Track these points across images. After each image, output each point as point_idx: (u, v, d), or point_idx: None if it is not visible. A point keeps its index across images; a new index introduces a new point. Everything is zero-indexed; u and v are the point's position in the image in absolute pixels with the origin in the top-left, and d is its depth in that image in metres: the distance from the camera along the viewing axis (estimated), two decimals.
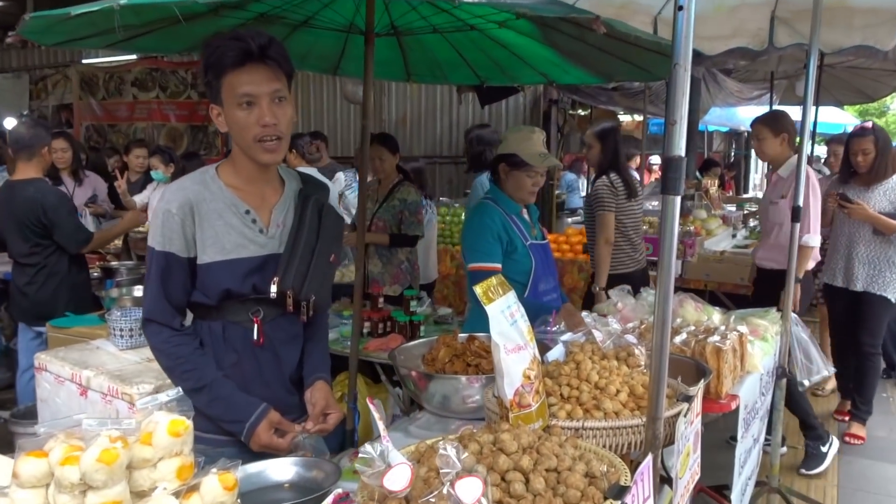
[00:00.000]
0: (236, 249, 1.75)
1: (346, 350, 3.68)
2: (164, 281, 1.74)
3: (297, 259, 1.79)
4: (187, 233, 1.72)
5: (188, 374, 1.75)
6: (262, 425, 1.74)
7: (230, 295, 1.77)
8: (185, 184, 1.75)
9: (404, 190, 4.74)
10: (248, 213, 1.79)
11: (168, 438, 1.10)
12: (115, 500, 1.02)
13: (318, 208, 1.87)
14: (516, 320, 1.57)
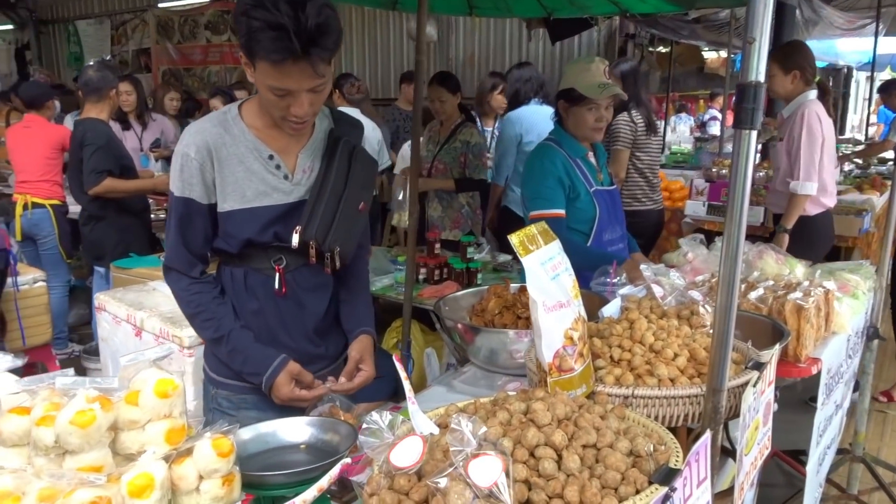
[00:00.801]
0: (258, 198, 1.64)
1: (400, 296, 3.60)
2: (182, 228, 1.64)
3: (321, 208, 1.66)
4: (207, 178, 1.61)
5: (207, 324, 1.68)
6: (280, 378, 1.65)
7: (251, 243, 1.66)
8: (205, 125, 1.63)
9: (467, 131, 4.54)
10: (271, 158, 1.66)
11: (155, 399, 1.01)
12: (94, 465, 0.94)
13: (349, 151, 1.72)
14: (559, 274, 1.39)
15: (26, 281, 3.62)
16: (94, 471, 0.93)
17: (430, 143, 4.73)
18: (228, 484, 1.05)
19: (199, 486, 1.03)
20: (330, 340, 1.82)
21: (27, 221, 4.64)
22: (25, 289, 3.60)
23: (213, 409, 1.79)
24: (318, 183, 1.67)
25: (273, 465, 1.27)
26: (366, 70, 8.96)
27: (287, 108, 1.54)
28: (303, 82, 1.49)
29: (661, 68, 9.51)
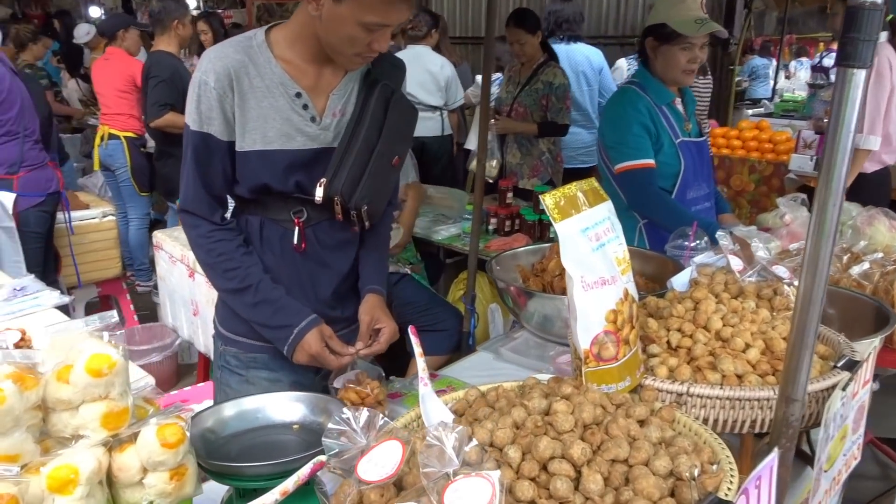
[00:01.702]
0: (280, 139, 1.45)
1: (466, 247, 3.41)
2: (200, 167, 1.48)
3: (351, 159, 1.46)
4: (227, 111, 1.43)
5: (231, 273, 1.51)
6: (312, 332, 1.48)
7: (269, 190, 1.48)
8: (227, 50, 1.44)
9: (550, 71, 4.19)
10: (298, 96, 1.46)
11: (86, 378, 0.86)
12: (8, 453, 0.81)
13: (386, 97, 1.50)
14: (605, 244, 1.15)
15: (95, 215, 3.65)
16: (9, 460, 0.80)
17: (509, 85, 4.43)
18: (178, 478, 0.91)
19: (142, 480, 0.89)
20: (348, 302, 1.65)
21: (103, 152, 4.71)
22: (94, 223, 3.63)
23: (221, 366, 1.67)
24: (348, 130, 1.48)
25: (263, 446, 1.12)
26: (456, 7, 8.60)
27: (369, 45, 1.37)
28: (403, 16, 1.36)
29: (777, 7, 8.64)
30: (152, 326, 3.73)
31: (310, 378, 1.65)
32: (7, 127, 2.99)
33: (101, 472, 0.86)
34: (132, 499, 0.90)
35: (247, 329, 1.58)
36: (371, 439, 0.85)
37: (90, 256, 3.63)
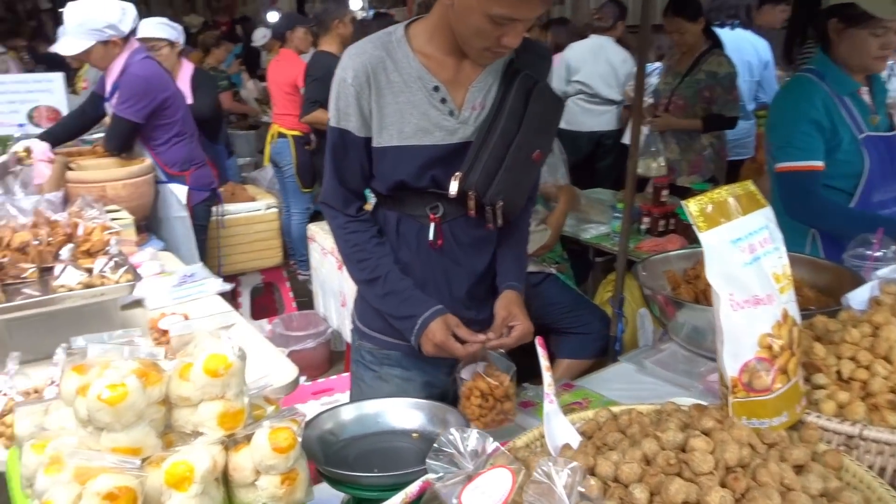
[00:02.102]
0: (417, 135, 1.43)
1: (615, 247, 3.25)
2: (338, 162, 1.50)
3: (487, 153, 1.41)
4: (363, 107, 1.43)
5: (363, 264, 1.52)
6: (437, 321, 1.45)
7: (405, 186, 1.47)
8: (365, 47, 1.44)
9: (714, 60, 3.89)
10: (437, 90, 1.43)
11: (203, 377, 0.87)
12: (131, 446, 0.84)
13: (527, 88, 1.44)
14: (760, 257, 1.00)
15: (259, 207, 3.88)
16: (131, 453, 0.83)
17: (668, 76, 4.17)
18: (289, 483, 0.90)
19: (255, 482, 0.90)
20: (484, 305, 1.60)
21: (273, 149, 5.01)
22: (259, 214, 3.86)
23: (356, 360, 1.69)
24: (486, 123, 1.44)
25: (381, 452, 1.10)
26: None
27: (498, 39, 1.32)
28: (535, 10, 1.30)
29: None
30: (308, 314, 3.91)
31: (441, 379, 1.63)
32: (177, 128, 3.25)
33: (216, 470, 0.87)
34: (246, 499, 0.91)
35: (382, 325, 1.59)
36: (479, 464, 0.79)
37: (254, 245, 3.88)
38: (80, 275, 1.93)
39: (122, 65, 3.05)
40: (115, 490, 0.78)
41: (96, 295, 1.93)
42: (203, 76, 4.25)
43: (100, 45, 2.96)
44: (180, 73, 4.05)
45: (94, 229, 2.14)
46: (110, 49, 3.00)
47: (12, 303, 1.83)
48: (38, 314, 1.89)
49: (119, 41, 3.01)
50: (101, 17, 2.92)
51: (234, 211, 3.83)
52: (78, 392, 0.83)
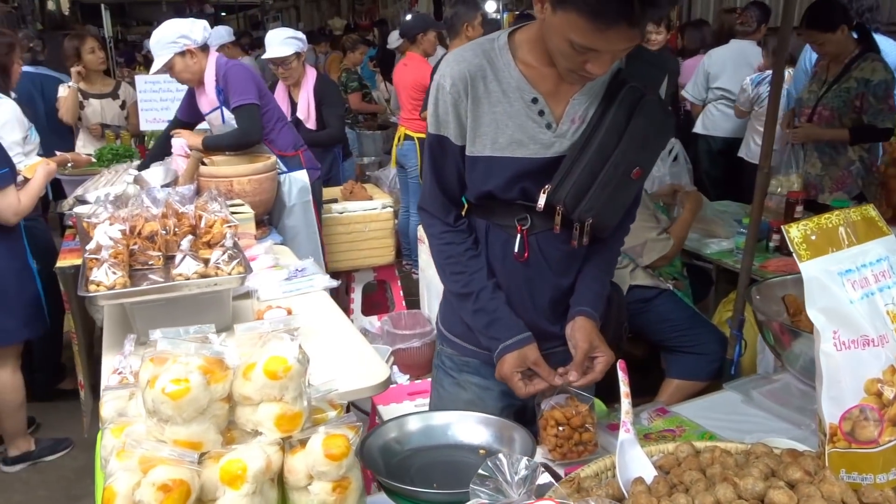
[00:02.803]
0: (510, 146, 1.39)
1: (738, 265, 3.05)
2: (436, 168, 1.48)
3: (580, 167, 1.35)
4: (461, 115, 1.41)
5: (457, 277, 1.50)
6: (513, 354, 1.42)
7: (494, 197, 1.44)
8: (466, 54, 1.42)
9: (867, 66, 3.55)
10: (535, 101, 1.38)
11: (263, 378, 0.88)
12: (191, 440, 0.86)
13: (632, 101, 1.35)
14: (873, 292, 0.89)
15: (376, 206, 3.98)
16: (191, 447, 0.86)
17: (813, 83, 3.86)
18: (340, 491, 0.90)
19: (308, 486, 0.90)
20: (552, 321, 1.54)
21: (399, 151, 5.11)
22: (374, 213, 3.96)
23: (437, 365, 1.67)
24: (583, 137, 1.37)
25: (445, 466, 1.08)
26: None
27: (583, 64, 1.24)
28: (619, 44, 1.20)
29: None
30: (416, 313, 3.95)
31: None
32: (277, 113, 3.44)
33: (271, 471, 0.89)
34: (299, 502, 0.92)
35: (463, 331, 1.57)
36: (525, 495, 0.75)
37: (369, 244, 3.98)
38: (196, 265, 2.04)
39: (213, 72, 3.25)
40: (170, 482, 0.80)
41: (210, 285, 2.04)
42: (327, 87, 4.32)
43: (178, 57, 3.16)
44: (305, 80, 4.20)
45: (215, 222, 2.27)
46: (188, 59, 3.19)
47: (134, 288, 1.97)
48: (158, 300, 2.02)
49: (195, 50, 3.19)
50: (172, 30, 3.14)
51: (351, 209, 3.95)
52: (148, 383, 0.87)
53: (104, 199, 2.38)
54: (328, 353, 2.03)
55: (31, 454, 3.10)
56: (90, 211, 2.37)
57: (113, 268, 1.98)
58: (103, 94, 4.56)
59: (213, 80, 3.26)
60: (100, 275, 1.96)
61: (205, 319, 2.10)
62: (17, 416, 3.02)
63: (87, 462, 3.06)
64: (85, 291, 1.94)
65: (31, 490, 2.91)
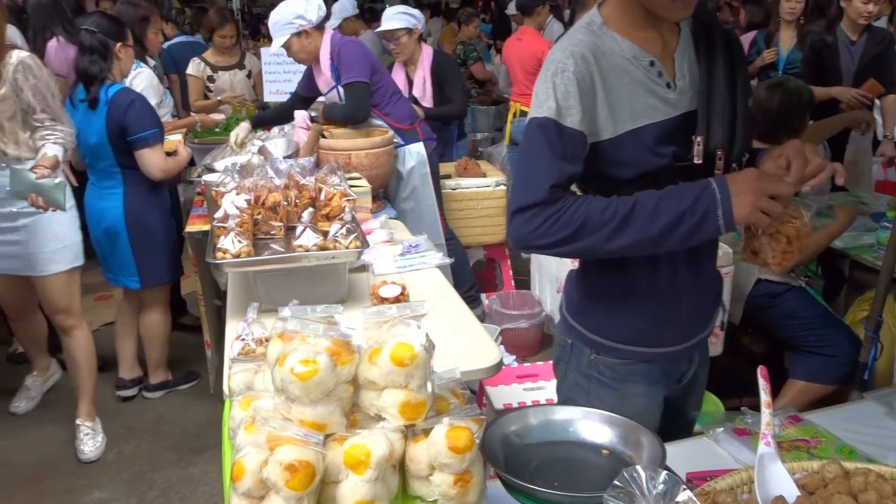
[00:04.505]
0: (648, 112, 1.35)
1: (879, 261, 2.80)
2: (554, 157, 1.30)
3: (717, 110, 1.35)
4: (586, 99, 1.31)
5: (607, 216, 1.25)
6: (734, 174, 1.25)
7: (648, 169, 1.35)
8: (577, 36, 1.36)
9: None
10: (652, 64, 1.36)
11: (389, 365, 0.87)
12: (317, 421, 0.86)
13: (726, 38, 1.41)
14: None
15: (489, 183, 3.94)
16: (316, 428, 0.85)
17: None
18: (462, 485, 0.87)
19: (429, 476, 0.88)
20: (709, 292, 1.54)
21: (515, 128, 5.01)
22: (487, 190, 3.92)
23: (590, 376, 1.50)
24: (704, 82, 1.37)
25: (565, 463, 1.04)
26: None
27: None
28: None
29: None
30: (525, 294, 3.91)
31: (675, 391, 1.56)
32: (391, 87, 3.47)
33: (393, 458, 0.88)
34: (420, 491, 0.91)
35: (631, 334, 1.46)
36: None
37: (480, 221, 3.95)
38: (316, 237, 2.09)
39: (328, 50, 3.29)
40: (296, 462, 0.81)
41: (328, 257, 2.08)
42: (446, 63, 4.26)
43: (294, 38, 3.24)
44: (421, 57, 4.16)
45: (334, 195, 2.31)
46: (304, 40, 3.26)
47: (256, 257, 2.04)
48: (278, 269, 2.08)
49: (310, 30, 3.25)
50: (288, 11, 3.22)
51: (465, 185, 3.93)
52: (277, 361, 0.88)
53: (231, 168, 2.47)
54: (440, 331, 2.02)
55: (168, 383, 3.49)
56: (218, 180, 2.47)
57: (238, 237, 2.06)
58: (230, 65, 4.75)
59: (328, 59, 3.31)
60: (226, 243, 2.04)
61: (321, 290, 2.19)
62: (163, 349, 3.43)
63: (209, 417, 3.25)
64: (212, 258, 2.03)
65: (157, 440, 3.13)
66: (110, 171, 3.06)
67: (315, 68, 3.43)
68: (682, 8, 1.29)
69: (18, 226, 2.77)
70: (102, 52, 2.97)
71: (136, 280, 3.17)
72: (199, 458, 3.00)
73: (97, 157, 3.05)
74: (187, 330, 3.97)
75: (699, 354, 1.57)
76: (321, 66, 3.36)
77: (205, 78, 4.66)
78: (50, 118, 2.69)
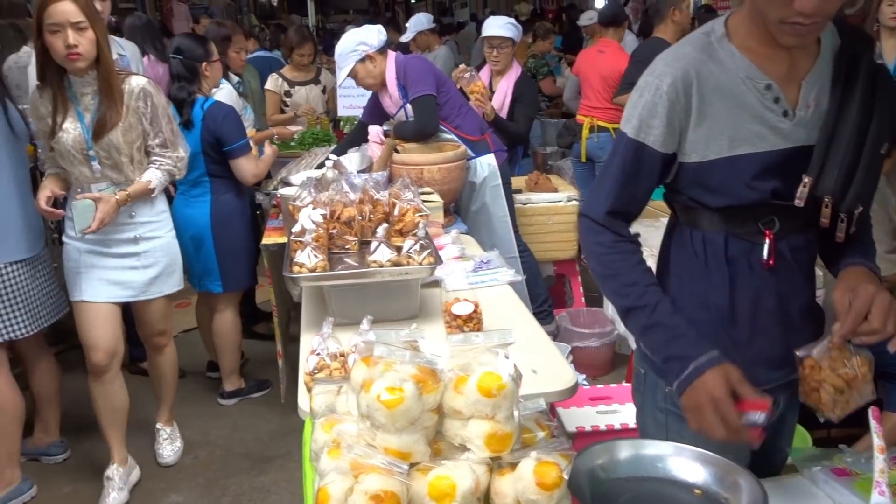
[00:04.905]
0: (749, 140, 1.25)
1: None
2: (626, 177, 1.33)
3: (840, 151, 1.22)
4: (674, 120, 1.27)
5: (627, 290, 1.33)
6: (714, 370, 1.20)
7: (738, 201, 1.29)
8: (686, 50, 1.29)
9: None
10: (768, 88, 1.25)
11: (476, 394, 0.84)
12: (402, 449, 0.84)
13: (871, 72, 1.24)
14: None
15: (560, 198, 3.88)
16: (400, 457, 0.83)
17: None
18: None
19: None
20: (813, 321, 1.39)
21: (593, 144, 4.87)
22: (559, 205, 3.86)
23: (668, 410, 1.43)
24: (831, 118, 1.24)
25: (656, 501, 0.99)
26: None
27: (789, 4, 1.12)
28: None
29: None
30: (596, 311, 3.83)
31: None
32: (459, 99, 3.46)
33: (479, 491, 0.85)
34: None
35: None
36: None
37: (551, 237, 3.90)
38: (390, 253, 2.09)
39: (393, 71, 3.33)
40: (381, 493, 0.79)
41: (401, 273, 2.09)
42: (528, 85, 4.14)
43: (359, 65, 3.31)
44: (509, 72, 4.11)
45: (407, 210, 2.31)
46: (369, 65, 3.32)
47: (332, 272, 2.06)
48: (352, 284, 2.10)
49: (374, 55, 3.30)
50: (351, 40, 3.32)
51: (535, 200, 3.89)
52: (362, 386, 0.87)
53: (308, 182, 2.51)
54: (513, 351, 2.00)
55: (241, 391, 3.55)
56: (296, 193, 2.51)
57: (315, 251, 2.08)
58: (307, 81, 4.85)
59: (395, 79, 3.34)
60: (303, 257, 2.07)
61: (394, 305, 2.19)
62: (235, 355, 3.49)
63: (280, 426, 3.30)
64: (289, 272, 2.06)
65: (231, 447, 3.19)
66: (200, 180, 3.23)
67: (381, 92, 3.47)
68: (789, 34, 1.17)
69: (139, 251, 2.70)
70: (189, 77, 3.18)
71: (219, 284, 3.31)
72: (270, 466, 3.05)
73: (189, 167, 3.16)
74: (260, 338, 4.08)
75: (785, 397, 1.40)
76: (388, 88, 3.40)
77: (282, 93, 4.77)
78: (160, 144, 2.65)
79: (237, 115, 3.23)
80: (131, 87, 2.57)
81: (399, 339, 0.92)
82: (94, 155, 2.54)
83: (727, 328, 1.36)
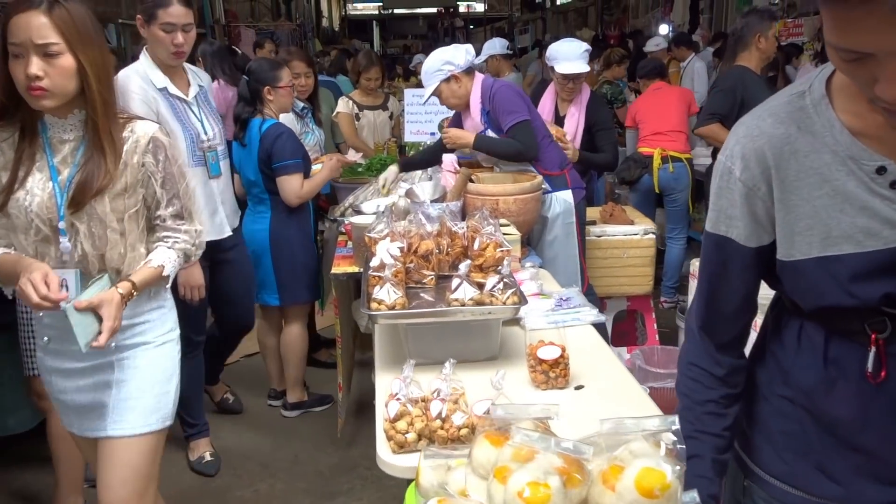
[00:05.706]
0: (855, 238, 1.00)
1: None
2: (713, 279, 1.15)
3: None
4: (757, 209, 1.07)
5: (687, 424, 1.17)
6: None
7: (829, 309, 1.06)
8: (764, 124, 1.05)
9: None
10: (881, 172, 0.98)
11: (634, 493, 0.70)
12: None
13: None
14: None
15: (637, 231, 3.71)
16: None
17: None
18: None
19: None
20: None
21: (667, 175, 4.70)
22: (635, 239, 3.69)
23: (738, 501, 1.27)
24: None
25: None
26: None
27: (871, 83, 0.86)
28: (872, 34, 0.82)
29: None
30: (671, 350, 3.63)
31: None
32: (543, 130, 3.32)
33: None
34: None
35: (785, 470, 1.18)
36: None
37: (626, 271, 3.72)
38: (473, 291, 1.98)
39: (479, 94, 3.22)
40: None
41: (484, 313, 1.98)
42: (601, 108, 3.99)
43: (444, 84, 3.22)
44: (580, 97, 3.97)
45: (488, 245, 2.20)
46: (453, 85, 3.22)
47: (412, 310, 1.96)
48: (432, 323, 1.99)
49: (460, 75, 3.20)
50: (438, 59, 3.23)
51: (610, 232, 3.72)
52: (496, 475, 0.75)
53: (384, 213, 2.42)
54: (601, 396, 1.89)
55: (304, 403, 3.59)
56: (369, 223, 2.42)
57: (394, 287, 1.98)
58: (375, 105, 4.82)
59: (478, 103, 3.24)
60: (382, 293, 1.97)
61: (473, 345, 2.07)
62: (299, 367, 3.52)
63: (340, 461, 3.20)
64: (367, 309, 1.96)
65: (291, 481, 3.10)
66: (261, 196, 3.34)
67: (464, 114, 3.37)
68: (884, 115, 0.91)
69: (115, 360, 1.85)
70: (249, 99, 3.28)
71: (276, 297, 3.37)
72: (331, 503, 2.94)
73: (252, 184, 3.35)
74: (321, 366, 4.01)
75: None
76: (471, 111, 3.29)
77: (353, 115, 4.75)
78: (174, 214, 1.87)
79: (292, 135, 3.28)
80: (136, 136, 1.80)
81: (527, 417, 0.80)
82: (65, 229, 1.75)
83: (819, 436, 1.13)
